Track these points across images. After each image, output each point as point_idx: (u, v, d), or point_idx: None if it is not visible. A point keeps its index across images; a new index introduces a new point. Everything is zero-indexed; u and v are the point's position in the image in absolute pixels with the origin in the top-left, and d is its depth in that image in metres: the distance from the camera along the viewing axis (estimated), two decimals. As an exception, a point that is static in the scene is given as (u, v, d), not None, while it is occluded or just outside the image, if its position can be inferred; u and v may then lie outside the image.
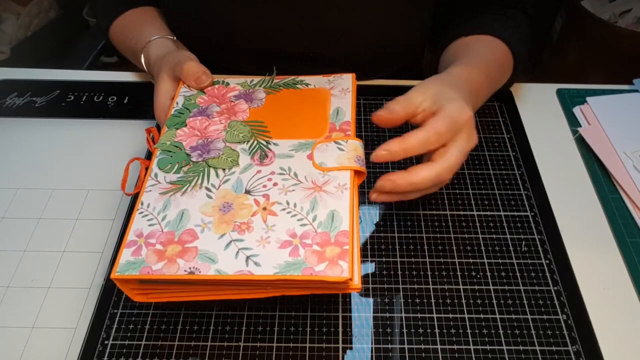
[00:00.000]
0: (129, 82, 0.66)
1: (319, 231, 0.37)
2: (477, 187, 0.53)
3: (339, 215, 0.38)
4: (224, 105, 0.49)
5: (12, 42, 1.25)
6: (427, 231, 0.49)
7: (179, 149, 0.45)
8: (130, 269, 0.36)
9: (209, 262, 0.36)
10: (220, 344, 0.42)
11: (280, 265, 0.35)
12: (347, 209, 0.39)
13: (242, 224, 0.39)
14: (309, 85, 0.51)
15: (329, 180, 0.41)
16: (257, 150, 0.44)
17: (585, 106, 0.61)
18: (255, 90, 0.51)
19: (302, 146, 0.44)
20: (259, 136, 0.46)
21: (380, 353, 0.41)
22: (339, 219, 0.38)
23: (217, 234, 0.38)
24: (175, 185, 0.42)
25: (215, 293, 0.39)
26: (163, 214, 0.40)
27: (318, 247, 0.36)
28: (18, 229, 0.50)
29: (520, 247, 0.48)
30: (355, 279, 0.36)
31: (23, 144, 0.59)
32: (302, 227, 0.38)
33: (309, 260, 0.35)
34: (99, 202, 0.52)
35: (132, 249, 0.38)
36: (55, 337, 0.43)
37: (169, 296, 0.40)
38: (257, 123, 0.47)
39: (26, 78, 0.66)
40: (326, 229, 0.37)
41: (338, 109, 0.47)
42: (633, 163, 0.54)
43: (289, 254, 0.36)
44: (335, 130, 0.45)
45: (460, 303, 0.44)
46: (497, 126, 0.59)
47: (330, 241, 0.36)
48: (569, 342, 0.41)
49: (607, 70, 1.28)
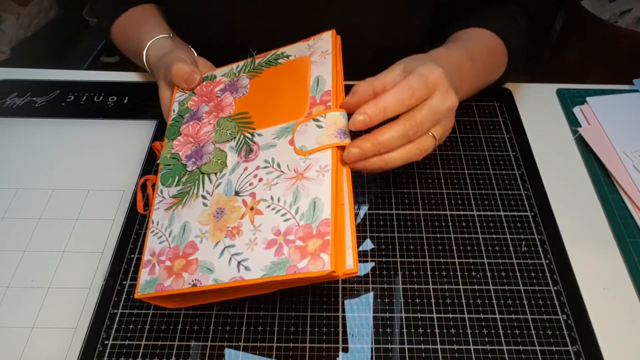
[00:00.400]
0: (129, 82, 0.66)
1: (302, 224, 0.35)
2: (477, 187, 0.53)
3: (320, 202, 0.35)
4: (212, 103, 0.47)
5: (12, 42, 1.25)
6: (427, 231, 0.49)
7: (177, 161, 0.44)
8: (148, 288, 0.38)
9: (207, 273, 0.36)
10: (220, 344, 0.42)
11: (267, 266, 0.35)
12: (329, 194, 0.36)
13: (233, 229, 0.38)
14: (290, 57, 0.47)
15: (310, 164, 0.38)
16: (243, 145, 0.42)
17: (585, 106, 0.61)
18: (240, 77, 0.48)
19: (283, 131, 0.41)
20: (245, 129, 0.43)
21: (380, 353, 0.41)
22: (321, 207, 0.35)
23: (212, 242, 0.38)
24: (176, 198, 0.42)
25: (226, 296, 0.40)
26: (169, 230, 0.41)
27: (301, 242, 0.34)
28: (18, 229, 0.50)
29: (520, 247, 0.48)
30: (349, 262, 0.34)
31: (23, 144, 0.59)
32: (286, 222, 0.36)
33: (292, 257, 0.34)
34: (99, 202, 0.52)
35: (148, 268, 0.39)
36: (55, 337, 0.43)
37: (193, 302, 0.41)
38: (242, 115, 0.45)
39: (26, 78, 0.66)
40: (308, 220, 0.35)
41: (318, 78, 0.43)
42: (633, 163, 0.54)
43: (274, 253, 0.35)
44: (316, 104, 0.41)
45: (460, 303, 0.44)
46: (497, 126, 0.59)
47: (312, 233, 0.34)
48: (569, 342, 0.41)
49: (607, 70, 1.28)
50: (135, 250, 0.48)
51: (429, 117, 0.40)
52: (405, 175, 0.54)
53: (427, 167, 0.54)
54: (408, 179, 0.53)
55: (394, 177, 0.53)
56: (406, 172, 0.54)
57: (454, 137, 0.58)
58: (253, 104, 0.45)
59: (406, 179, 0.53)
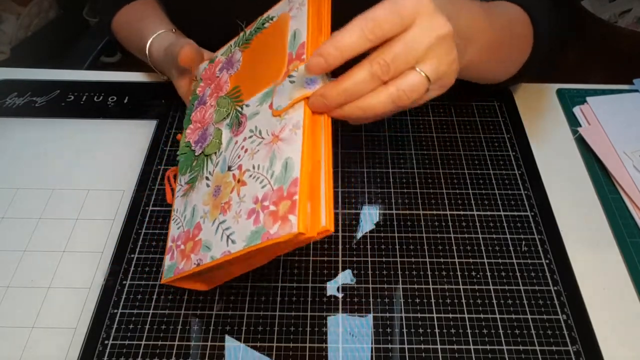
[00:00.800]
0: (129, 82, 0.66)
1: (275, 187, 0.33)
2: (477, 187, 0.53)
3: (292, 162, 0.33)
4: (212, 85, 0.47)
5: (12, 42, 1.25)
6: (427, 231, 0.49)
7: (189, 149, 0.45)
8: (170, 273, 0.40)
9: (206, 251, 0.37)
10: (220, 344, 0.42)
11: (247, 236, 0.33)
12: (299, 151, 0.33)
13: (225, 204, 0.37)
14: (273, 18, 0.43)
15: (285, 125, 0.35)
16: (234, 120, 0.41)
17: (585, 106, 0.61)
18: (234, 52, 0.46)
19: (265, 97, 0.39)
20: (236, 104, 0.42)
21: (380, 353, 0.41)
22: (292, 167, 0.32)
23: (211, 221, 0.38)
24: (189, 184, 0.43)
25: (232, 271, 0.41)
26: (184, 215, 0.42)
27: (274, 206, 0.32)
28: (18, 229, 0.50)
29: (520, 247, 0.48)
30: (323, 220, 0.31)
31: (23, 144, 0.59)
32: (263, 189, 0.34)
33: (266, 224, 0.32)
34: (99, 202, 0.52)
35: (170, 254, 0.41)
36: (55, 337, 0.43)
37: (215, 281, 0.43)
38: (235, 90, 0.43)
39: (26, 78, 0.66)
40: (281, 182, 0.33)
41: (295, 31, 0.39)
42: (633, 163, 0.54)
43: (252, 222, 0.33)
44: (292, 60, 0.38)
45: (460, 303, 0.44)
46: (497, 126, 0.59)
47: (283, 196, 0.32)
48: (569, 342, 0.41)
49: (607, 70, 1.28)
50: (135, 250, 0.48)
51: (404, 51, 0.32)
52: (406, 175, 0.54)
53: (427, 167, 0.54)
54: (408, 179, 0.53)
55: (394, 177, 0.54)
56: (406, 172, 0.54)
57: (454, 137, 0.58)
58: (243, 77, 0.43)
59: (406, 179, 0.53)
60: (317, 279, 0.45)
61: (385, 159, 0.55)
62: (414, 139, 0.57)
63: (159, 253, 0.47)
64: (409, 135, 0.58)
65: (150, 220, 0.50)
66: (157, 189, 0.53)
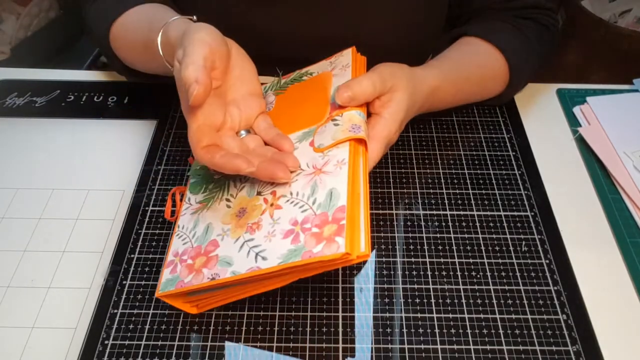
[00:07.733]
0: (129, 82, 0.66)
1: (318, 213, 0.37)
2: (477, 187, 0.53)
3: (337, 192, 0.37)
4: None
5: (12, 42, 1.25)
6: (427, 231, 0.49)
7: (206, 171, 0.47)
8: (169, 286, 0.40)
9: (226, 266, 0.38)
10: (220, 344, 0.42)
11: (284, 254, 0.36)
12: (345, 183, 0.38)
13: (253, 224, 0.39)
14: (313, 74, 0.51)
15: (328, 160, 0.40)
16: None
17: (585, 106, 0.61)
18: (267, 95, 0.51)
19: (305, 135, 0.44)
20: None
21: (380, 353, 0.41)
22: (337, 196, 0.37)
23: (233, 238, 0.39)
24: (202, 204, 0.44)
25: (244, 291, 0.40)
26: (193, 232, 0.43)
27: (317, 229, 0.36)
28: (18, 229, 0.50)
29: (520, 247, 0.48)
30: (362, 246, 0.35)
31: (23, 144, 0.58)
32: (303, 213, 0.38)
33: (307, 244, 0.35)
34: (99, 202, 0.52)
35: (171, 267, 0.41)
36: (55, 337, 0.43)
37: (212, 302, 0.42)
38: None
39: (26, 78, 0.66)
40: (325, 209, 0.37)
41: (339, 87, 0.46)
42: (633, 163, 0.54)
43: (290, 242, 0.36)
44: (335, 109, 0.44)
45: (460, 303, 0.44)
46: (497, 126, 0.59)
47: (328, 220, 0.36)
48: (569, 342, 0.41)
49: (607, 70, 1.28)
50: (135, 250, 0.48)
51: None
52: (406, 175, 0.54)
53: (427, 167, 0.55)
54: (408, 178, 0.53)
55: (394, 177, 0.54)
56: (406, 172, 0.54)
57: (454, 137, 0.58)
58: (277, 116, 0.48)
59: (406, 178, 0.53)
60: (317, 279, 0.45)
61: (385, 159, 0.55)
62: (414, 139, 0.57)
63: (159, 253, 0.47)
64: (409, 135, 0.58)
65: (150, 220, 0.50)
66: (157, 189, 0.53)
